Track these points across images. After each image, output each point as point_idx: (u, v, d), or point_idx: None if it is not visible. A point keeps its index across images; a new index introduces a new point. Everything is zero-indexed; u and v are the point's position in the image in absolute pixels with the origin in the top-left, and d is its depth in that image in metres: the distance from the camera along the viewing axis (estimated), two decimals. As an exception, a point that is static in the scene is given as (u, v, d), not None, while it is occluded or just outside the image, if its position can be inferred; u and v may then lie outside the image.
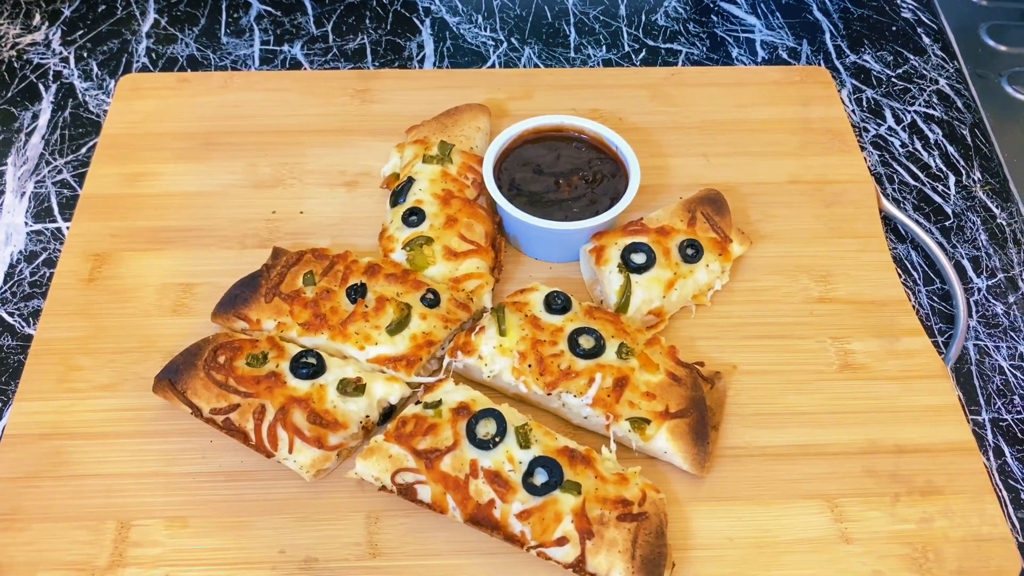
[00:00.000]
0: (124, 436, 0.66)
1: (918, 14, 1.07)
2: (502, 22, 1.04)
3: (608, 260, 0.70)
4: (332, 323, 0.68)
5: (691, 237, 0.72)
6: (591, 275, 0.73)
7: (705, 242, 0.73)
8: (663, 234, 0.72)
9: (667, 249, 0.71)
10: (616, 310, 0.69)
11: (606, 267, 0.70)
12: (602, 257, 0.70)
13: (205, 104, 0.90)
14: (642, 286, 0.69)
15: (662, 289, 0.69)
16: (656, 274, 0.70)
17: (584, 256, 0.73)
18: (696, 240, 0.72)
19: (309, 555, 0.60)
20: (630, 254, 0.70)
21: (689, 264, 0.71)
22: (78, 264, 0.76)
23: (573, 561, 0.57)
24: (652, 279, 0.69)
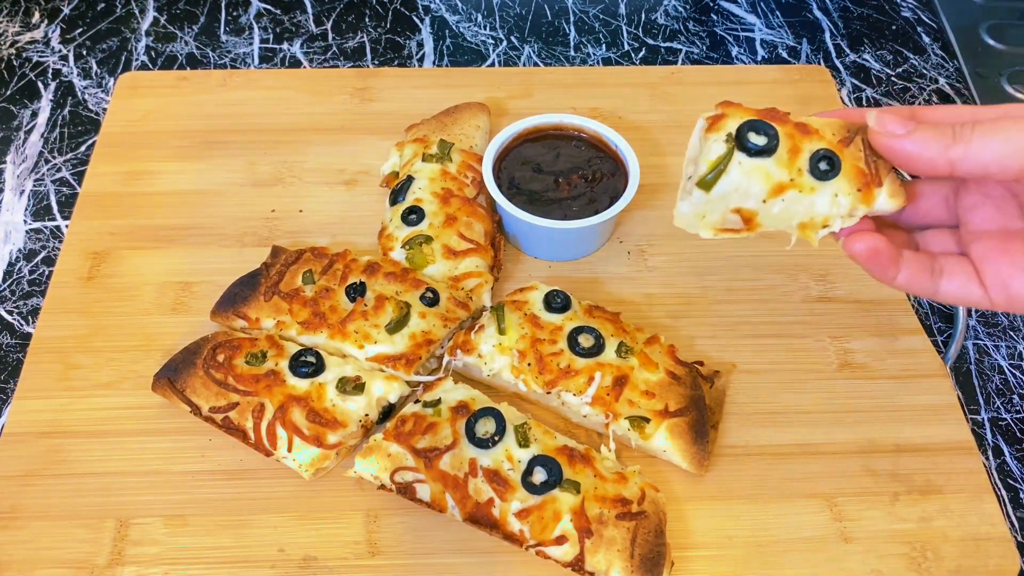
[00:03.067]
0: (123, 434, 0.66)
1: (918, 13, 1.07)
2: (502, 21, 1.04)
3: (720, 129, 0.53)
4: (331, 322, 0.68)
5: (834, 151, 0.52)
6: (694, 151, 0.56)
7: (849, 167, 0.52)
8: (803, 132, 0.52)
9: (797, 147, 0.51)
10: (699, 184, 0.52)
11: (713, 135, 0.53)
12: (716, 125, 0.53)
13: (204, 102, 0.90)
14: (744, 170, 0.51)
15: (767, 188, 0.51)
16: (768, 166, 0.51)
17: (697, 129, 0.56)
18: (838, 157, 0.51)
19: (308, 553, 0.60)
20: (749, 131, 0.51)
21: (815, 179, 0.51)
22: (77, 262, 0.76)
23: (572, 560, 0.57)
24: (759, 169, 0.51)
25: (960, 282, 0.49)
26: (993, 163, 0.44)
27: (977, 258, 0.50)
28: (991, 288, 0.49)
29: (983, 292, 0.49)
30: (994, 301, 0.49)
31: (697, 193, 0.52)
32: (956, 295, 0.50)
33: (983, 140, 0.44)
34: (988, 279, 0.49)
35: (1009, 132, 0.44)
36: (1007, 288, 0.48)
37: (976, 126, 0.45)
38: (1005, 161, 0.44)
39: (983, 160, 0.44)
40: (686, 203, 0.53)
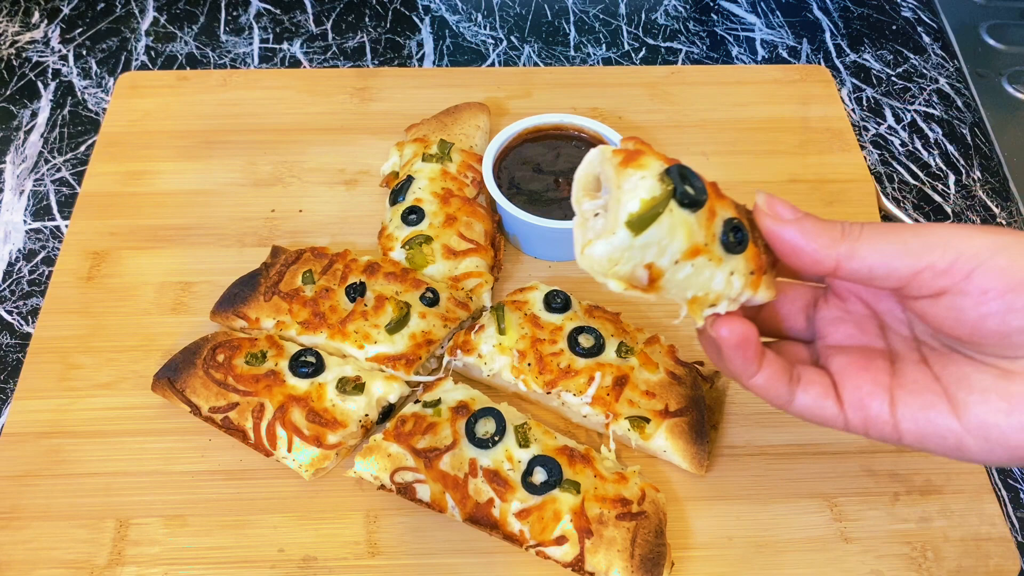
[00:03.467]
0: (123, 434, 0.66)
1: (918, 13, 1.07)
2: (502, 20, 1.04)
3: (645, 167, 0.42)
4: (331, 322, 0.68)
5: (744, 224, 0.44)
6: (586, 181, 0.45)
7: (751, 247, 0.45)
8: (718, 194, 0.45)
9: (713, 210, 0.44)
10: (628, 223, 0.41)
11: (637, 171, 0.42)
12: (637, 161, 0.42)
13: (204, 102, 0.89)
14: (673, 221, 0.41)
15: (686, 247, 0.42)
16: (693, 223, 0.42)
17: (595, 159, 0.45)
18: (746, 231, 0.44)
19: (308, 554, 0.60)
20: (682, 176, 0.42)
21: (724, 250, 0.43)
22: (77, 262, 0.76)
23: (572, 560, 0.57)
24: (686, 223, 0.42)
25: (816, 395, 0.44)
26: (880, 266, 0.40)
27: (836, 372, 0.45)
28: (848, 407, 0.44)
29: (839, 410, 0.44)
30: (850, 421, 0.43)
31: (623, 234, 0.41)
32: (810, 409, 0.44)
33: (872, 241, 0.40)
34: (846, 396, 0.44)
35: (900, 234, 0.40)
36: (865, 409, 0.43)
37: (866, 226, 0.41)
38: (892, 262, 0.40)
39: (869, 263, 0.40)
40: (604, 244, 0.41)
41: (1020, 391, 0.39)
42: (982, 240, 0.39)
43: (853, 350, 0.46)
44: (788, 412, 0.44)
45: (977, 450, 0.40)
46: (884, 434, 0.43)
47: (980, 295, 0.38)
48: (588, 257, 0.43)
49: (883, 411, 0.42)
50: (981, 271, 0.38)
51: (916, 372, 0.43)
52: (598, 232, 0.43)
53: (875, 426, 0.43)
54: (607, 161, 0.43)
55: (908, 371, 0.43)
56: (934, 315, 0.41)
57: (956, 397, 0.41)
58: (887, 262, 0.40)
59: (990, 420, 0.39)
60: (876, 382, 0.44)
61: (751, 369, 0.44)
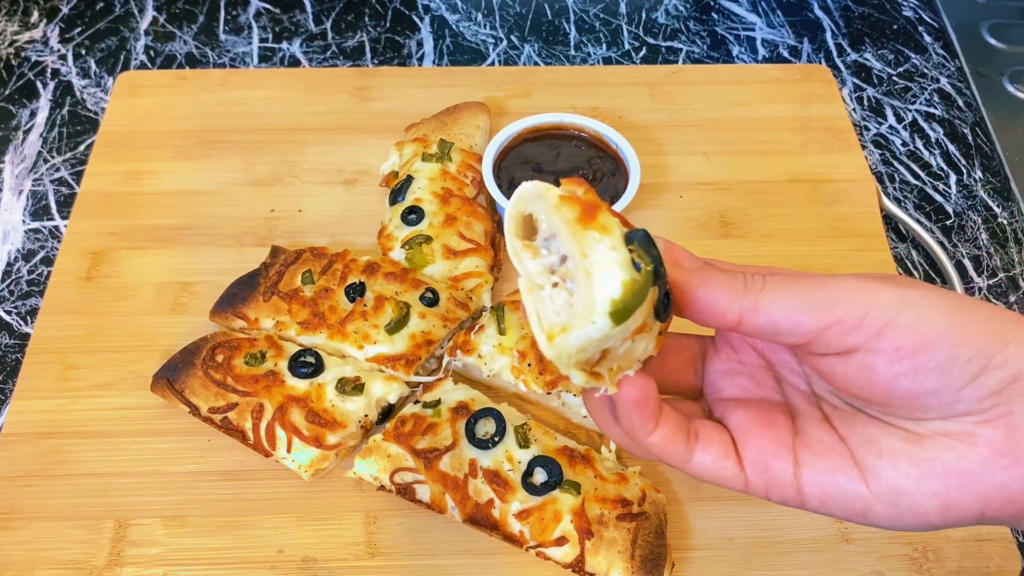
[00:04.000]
0: (122, 435, 0.65)
1: (919, 12, 1.06)
2: (502, 20, 1.04)
3: (608, 230, 0.34)
4: (331, 322, 0.67)
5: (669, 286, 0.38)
6: (521, 212, 0.37)
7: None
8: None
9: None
10: (611, 314, 0.34)
11: (605, 239, 0.34)
12: (596, 219, 0.34)
13: (203, 102, 0.89)
14: (648, 299, 0.35)
15: (640, 321, 0.36)
16: (651, 296, 0.35)
17: (529, 194, 0.36)
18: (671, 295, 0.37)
19: (307, 554, 0.60)
20: (642, 241, 0.35)
21: (653, 318, 0.36)
22: (76, 262, 0.76)
23: (572, 561, 0.57)
24: (651, 299, 0.35)
25: (716, 455, 0.39)
26: (784, 321, 0.36)
27: (736, 428, 0.40)
28: (750, 467, 0.39)
29: (739, 471, 0.39)
30: (750, 483, 0.39)
31: (604, 323, 0.33)
32: (709, 470, 0.39)
33: (775, 293, 0.36)
34: (747, 455, 0.39)
35: (805, 287, 0.36)
36: (769, 471, 0.38)
37: (768, 277, 0.37)
38: (797, 317, 0.36)
39: (774, 317, 0.36)
40: (581, 335, 0.34)
41: (930, 456, 0.36)
42: (889, 295, 0.35)
43: (752, 404, 0.41)
44: (685, 472, 0.40)
45: (885, 516, 0.36)
46: (786, 497, 0.38)
47: (892, 353, 0.35)
48: (559, 347, 0.34)
49: (787, 473, 0.38)
50: (892, 328, 0.35)
51: (819, 431, 0.39)
52: (569, 316, 0.34)
53: (777, 489, 0.38)
54: (553, 208, 0.35)
55: (811, 430, 0.40)
56: (842, 374, 0.37)
57: (864, 461, 0.37)
58: (791, 316, 0.36)
59: (900, 486, 0.36)
60: (779, 441, 0.39)
61: (649, 426, 0.38)
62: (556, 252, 0.36)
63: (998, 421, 0.35)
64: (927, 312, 0.35)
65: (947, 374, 0.35)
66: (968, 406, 0.35)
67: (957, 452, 0.35)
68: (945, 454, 0.35)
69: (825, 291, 0.36)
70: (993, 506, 0.35)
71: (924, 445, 0.36)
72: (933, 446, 0.36)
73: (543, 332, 0.35)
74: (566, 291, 0.35)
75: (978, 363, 0.34)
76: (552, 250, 0.36)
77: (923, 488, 0.35)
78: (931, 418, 0.36)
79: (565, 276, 0.36)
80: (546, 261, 0.36)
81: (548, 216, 0.36)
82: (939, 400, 0.35)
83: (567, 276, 0.35)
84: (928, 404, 0.36)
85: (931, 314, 0.35)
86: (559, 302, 0.35)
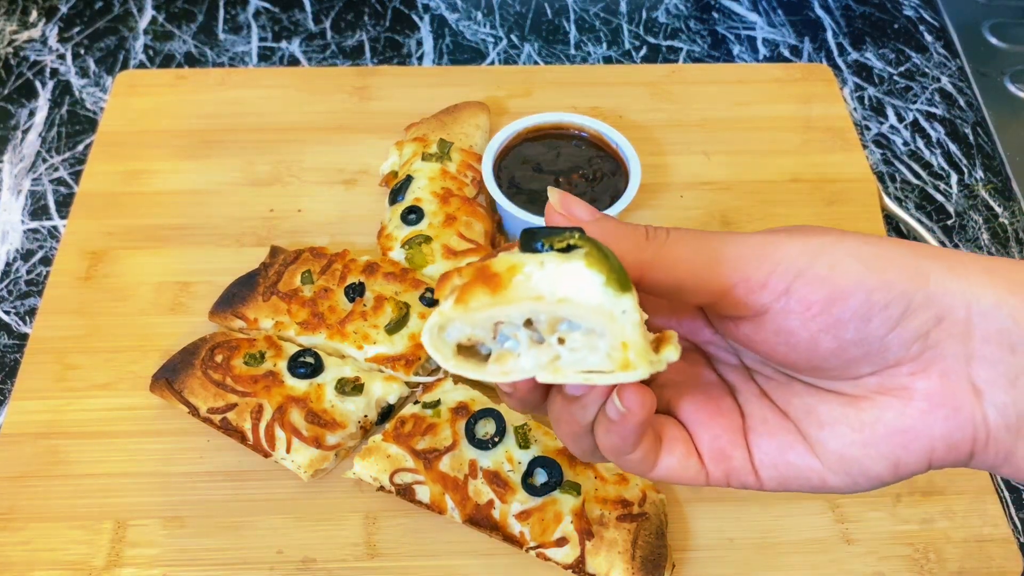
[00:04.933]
0: (121, 435, 0.65)
1: (920, 12, 1.06)
2: (502, 19, 1.03)
3: (514, 268, 0.31)
4: (330, 322, 0.67)
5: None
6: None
7: None
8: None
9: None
10: (614, 287, 0.31)
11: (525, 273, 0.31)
12: (501, 284, 0.31)
13: (202, 101, 0.89)
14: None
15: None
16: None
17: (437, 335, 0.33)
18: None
19: (307, 555, 0.60)
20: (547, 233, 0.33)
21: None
22: (74, 262, 0.76)
23: (573, 562, 0.57)
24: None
25: (681, 454, 0.36)
26: (687, 278, 0.33)
27: (688, 420, 0.37)
28: (709, 460, 0.36)
29: (700, 466, 0.36)
30: (711, 476, 0.36)
31: (625, 300, 0.32)
32: (676, 471, 0.36)
33: (678, 248, 0.34)
34: (704, 448, 0.36)
35: (710, 242, 0.34)
36: (727, 460, 0.36)
37: (672, 231, 0.34)
38: (701, 274, 0.33)
39: (676, 274, 0.33)
40: (633, 327, 0.31)
41: (870, 419, 0.34)
42: (795, 247, 0.33)
43: (696, 390, 0.38)
44: (647, 478, 0.37)
45: (841, 484, 0.35)
46: (745, 483, 0.36)
47: (804, 311, 0.32)
48: (653, 356, 0.32)
49: (744, 459, 0.36)
50: (801, 283, 0.32)
51: (761, 409, 0.37)
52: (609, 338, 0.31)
53: (736, 476, 0.36)
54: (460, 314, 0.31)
55: (752, 409, 0.37)
56: (762, 341, 0.34)
57: (808, 433, 0.35)
58: (695, 273, 0.33)
59: (847, 454, 0.34)
60: (731, 428, 0.37)
61: (636, 440, 0.34)
62: (504, 332, 0.32)
63: (931, 368, 0.33)
64: (839, 259, 0.32)
65: (867, 322, 0.32)
66: (897, 354, 0.33)
67: (895, 409, 0.33)
68: (884, 413, 0.34)
69: (730, 247, 0.34)
70: (938, 455, 0.34)
71: (862, 407, 0.34)
72: (871, 407, 0.34)
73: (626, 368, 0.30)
74: (576, 336, 0.31)
75: (899, 306, 0.32)
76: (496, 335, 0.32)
77: (870, 453, 0.34)
78: (863, 375, 0.34)
79: (543, 331, 0.32)
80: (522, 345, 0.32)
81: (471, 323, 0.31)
82: (865, 351, 0.33)
83: (543, 330, 0.32)
84: (856, 358, 0.33)
85: (843, 261, 0.32)
86: (579, 344, 0.31)
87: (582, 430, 0.35)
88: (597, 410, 0.34)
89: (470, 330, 0.32)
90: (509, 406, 0.37)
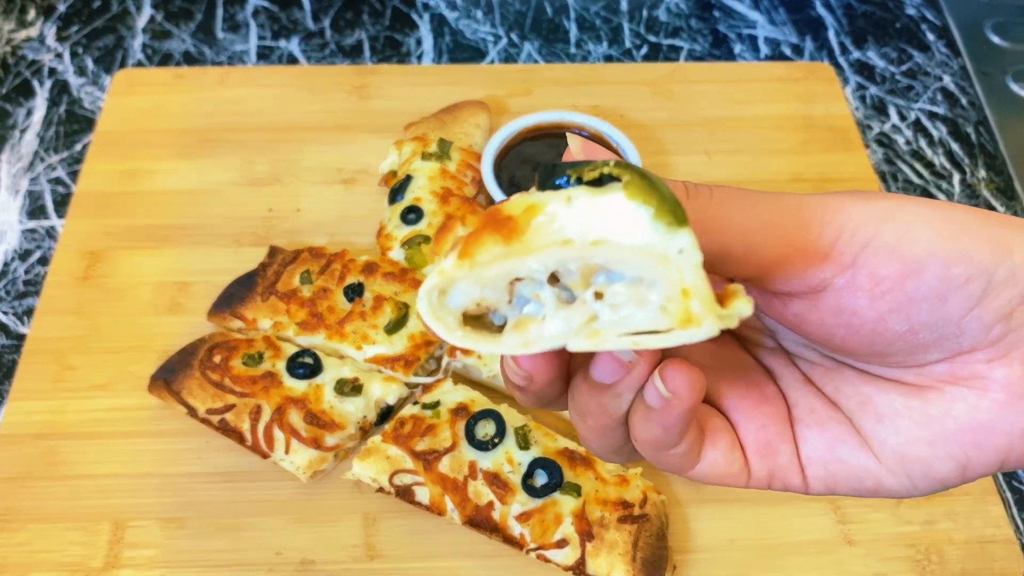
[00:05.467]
0: (119, 436, 0.65)
1: (922, 10, 1.06)
2: (502, 17, 1.03)
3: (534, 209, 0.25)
4: (329, 322, 0.67)
5: None
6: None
7: None
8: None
9: None
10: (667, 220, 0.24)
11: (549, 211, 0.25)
12: (517, 227, 0.25)
13: (201, 100, 0.89)
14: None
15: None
16: None
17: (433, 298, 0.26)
18: None
19: (306, 557, 0.60)
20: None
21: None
22: (72, 262, 0.76)
23: (573, 564, 0.57)
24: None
25: (725, 447, 0.31)
26: (736, 242, 0.27)
27: (729, 407, 0.32)
28: (753, 456, 0.31)
29: (743, 463, 0.31)
30: (754, 475, 0.31)
31: (682, 236, 0.25)
32: (721, 468, 0.31)
33: (724, 208, 0.27)
34: (748, 441, 0.31)
35: (762, 202, 0.27)
36: (774, 454, 0.31)
37: (716, 189, 0.28)
38: (752, 239, 0.27)
39: (723, 239, 0.27)
40: (696, 266, 0.25)
41: (938, 412, 0.29)
42: (861, 210, 0.27)
43: (734, 376, 0.32)
44: (687, 475, 0.31)
45: (899, 487, 0.30)
46: (789, 484, 0.31)
47: (874, 287, 0.27)
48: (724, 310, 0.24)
49: (791, 454, 0.31)
50: (869, 254, 0.27)
51: (808, 398, 0.32)
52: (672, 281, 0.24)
53: (781, 475, 0.31)
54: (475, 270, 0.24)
55: (798, 397, 0.32)
56: (817, 323, 0.29)
57: (863, 427, 0.30)
58: (745, 239, 0.27)
59: (910, 453, 0.29)
60: (779, 417, 0.31)
61: (681, 432, 0.29)
62: (523, 292, 0.25)
63: (1012, 354, 0.27)
64: (910, 225, 0.27)
65: (944, 301, 0.27)
66: (974, 339, 0.28)
67: (968, 402, 0.28)
68: (955, 406, 0.28)
69: (786, 208, 0.27)
70: (1015, 455, 0.28)
71: (928, 399, 0.29)
72: (939, 399, 0.29)
73: (688, 323, 0.23)
74: (619, 288, 0.24)
75: (980, 282, 0.27)
76: (512, 297, 0.25)
77: (936, 452, 0.29)
78: (931, 362, 0.29)
79: (574, 286, 0.24)
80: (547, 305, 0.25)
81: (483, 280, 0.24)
82: (938, 335, 0.28)
83: (573, 285, 0.24)
84: (926, 343, 0.28)
85: (914, 227, 0.27)
86: (623, 297, 0.24)
87: (614, 423, 0.29)
88: (633, 397, 0.28)
89: (479, 292, 0.24)
90: (522, 403, 0.31)
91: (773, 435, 0.31)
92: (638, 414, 0.28)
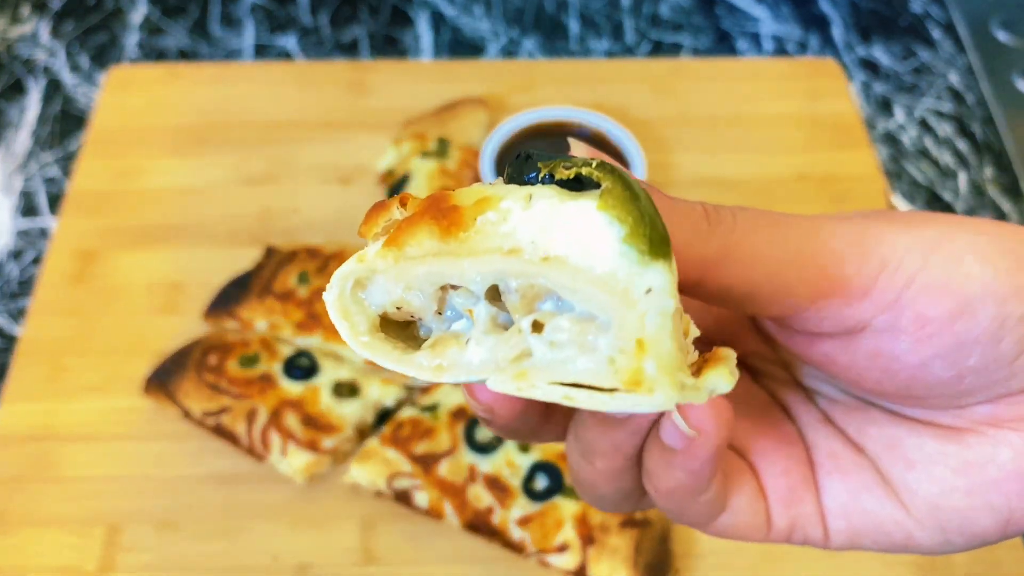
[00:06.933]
0: (113, 438, 0.64)
1: (928, 7, 1.04)
2: (502, 13, 1.02)
3: (492, 201, 0.21)
4: (326, 323, 0.66)
5: None
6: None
7: None
8: None
9: None
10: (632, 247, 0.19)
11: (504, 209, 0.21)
12: (460, 218, 0.21)
13: (196, 98, 0.88)
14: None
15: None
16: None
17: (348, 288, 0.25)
18: None
19: (302, 561, 0.59)
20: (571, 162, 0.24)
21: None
22: (66, 262, 0.75)
23: (574, 568, 0.56)
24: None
25: (751, 496, 0.27)
26: (765, 281, 0.23)
27: (749, 449, 0.28)
28: (775, 504, 0.27)
29: (765, 514, 0.27)
30: (775, 526, 0.27)
31: (658, 269, 0.20)
32: (745, 518, 0.27)
33: (750, 237, 0.23)
34: (770, 488, 0.27)
35: (790, 230, 0.24)
36: (797, 504, 0.27)
37: (739, 212, 0.24)
38: (784, 274, 0.23)
39: (750, 275, 0.23)
40: (657, 310, 0.19)
41: (978, 458, 0.25)
42: (905, 239, 0.23)
43: (752, 413, 0.29)
44: (706, 529, 0.27)
45: (930, 543, 0.26)
46: (810, 537, 0.28)
47: (919, 329, 0.23)
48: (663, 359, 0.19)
49: (814, 505, 0.27)
50: (914, 291, 0.23)
51: (829, 441, 0.28)
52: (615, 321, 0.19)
53: (801, 527, 0.27)
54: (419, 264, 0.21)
55: (818, 439, 0.28)
56: (848, 365, 0.25)
57: (890, 475, 0.27)
58: (776, 276, 0.23)
59: (944, 504, 0.26)
60: (801, 461, 0.28)
61: (709, 477, 0.24)
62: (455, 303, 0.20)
63: None
64: (960, 258, 0.23)
65: (997, 343, 0.23)
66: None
67: (1015, 447, 0.25)
68: (998, 452, 0.25)
69: (820, 237, 0.24)
70: None
71: (967, 443, 0.26)
72: (979, 443, 0.25)
73: (635, 386, 0.18)
74: (564, 322, 0.19)
75: None
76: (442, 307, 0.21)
77: (974, 503, 0.25)
78: (972, 403, 0.25)
79: (514, 309, 0.20)
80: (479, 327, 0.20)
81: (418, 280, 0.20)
82: (986, 380, 0.24)
83: (513, 308, 0.20)
84: (972, 387, 0.24)
85: (966, 260, 0.23)
86: (566, 336, 0.19)
87: (625, 464, 0.25)
88: (647, 434, 0.24)
89: (401, 292, 0.21)
90: (491, 430, 0.26)
91: (797, 481, 0.27)
92: (656, 455, 0.24)
